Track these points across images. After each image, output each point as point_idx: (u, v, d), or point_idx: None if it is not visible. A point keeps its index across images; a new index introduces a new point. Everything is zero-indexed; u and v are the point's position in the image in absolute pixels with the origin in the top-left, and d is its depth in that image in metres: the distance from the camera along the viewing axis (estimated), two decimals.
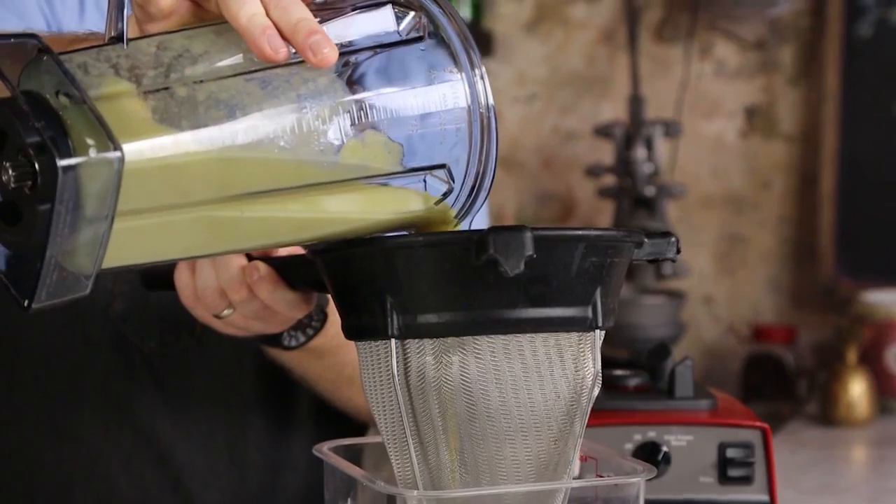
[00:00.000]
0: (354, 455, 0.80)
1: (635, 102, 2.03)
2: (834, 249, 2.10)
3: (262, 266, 0.83)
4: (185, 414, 1.04)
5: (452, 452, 0.69)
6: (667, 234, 0.74)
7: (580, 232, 0.68)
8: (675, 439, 0.95)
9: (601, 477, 0.81)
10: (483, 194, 0.73)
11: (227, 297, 0.85)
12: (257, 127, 0.65)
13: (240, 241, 0.69)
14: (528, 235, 0.63)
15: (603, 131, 2.03)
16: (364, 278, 0.68)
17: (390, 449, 0.72)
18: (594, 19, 2.18)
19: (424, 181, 0.72)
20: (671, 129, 2.02)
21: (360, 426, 1.10)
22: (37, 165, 0.59)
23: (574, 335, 0.69)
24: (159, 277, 0.91)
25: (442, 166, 0.72)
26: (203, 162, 0.64)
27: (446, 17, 0.70)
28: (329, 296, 0.75)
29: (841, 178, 2.09)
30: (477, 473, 0.69)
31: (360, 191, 0.71)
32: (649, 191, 1.98)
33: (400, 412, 0.68)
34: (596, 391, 0.71)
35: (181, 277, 0.87)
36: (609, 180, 2.03)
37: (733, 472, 0.95)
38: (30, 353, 1.04)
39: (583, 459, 0.84)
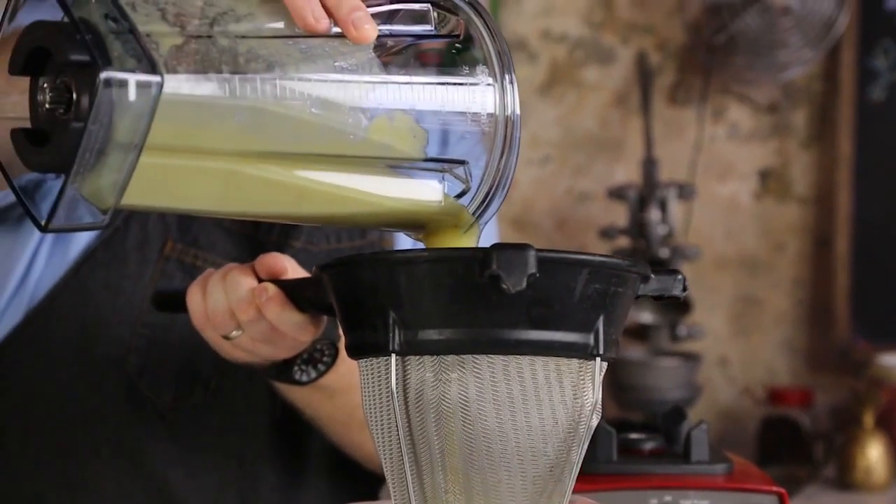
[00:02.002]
0: None
1: (649, 164, 2.03)
2: (849, 311, 2.09)
3: (270, 287, 0.84)
4: (197, 467, 1.04)
5: (448, 474, 0.69)
6: (674, 272, 0.74)
7: (584, 256, 0.68)
8: None
9: None
10: (497, 201, 0.74)
11: (236, 317, 0.86)
12: (293, 86, 0.67)
13: (257, 202, 0.70)
14: (532, 254, 0.64)
15: (617, 193, 2.03)
16: (368, 293, 0.69)
17: (387, 470, 0.71)
18: (607, 83, 2.20)
19: (443, 178, 0.73)
20: (685, 192, 2.02)
21: (373, 483, 1.09)
22: (74, 87, 0.61)
23: (574, 362, 0.69)
24: (171, 299, 0.93)
25: (463, 162, 0.73)
26: (236, 108, 0.65)
27: (482, 21, 0.72)
28: (340, 330, 0.76)
29: (855, 241, 2.09)
30: (471, 496, 0.69)
31: (380, 174, 0.72)
32: (663, 252, 1.98)
33: (398, 430, 0.68)
34: (595, 421, 0.70)
35: (193, 299, 0.88)
36: (623, 242, 2.03)
37: None
38: (44, 404, 1.04)
39: None
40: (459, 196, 0.74)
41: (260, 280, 0.86)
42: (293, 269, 0.87)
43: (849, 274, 2.09)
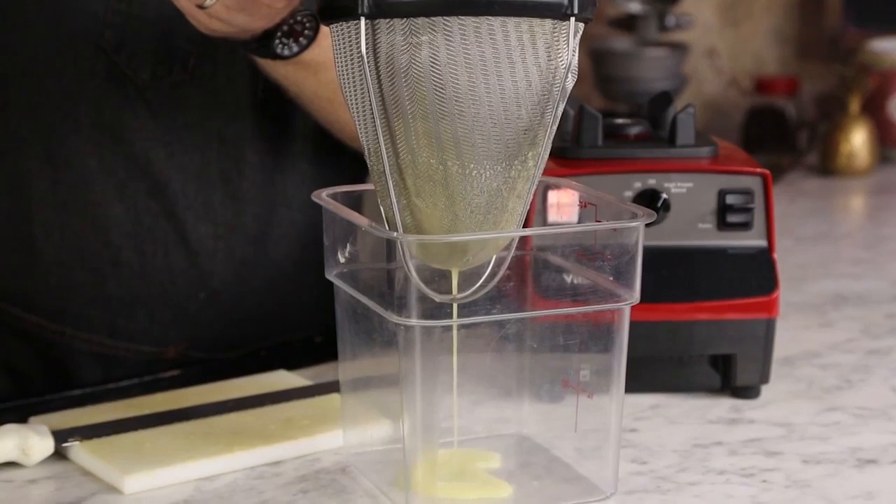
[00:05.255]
0: (353, 201, 0.80)
1: None
2: None
3: None
4: (178, 146, 1.04)
5: (421, 139, 0.70)
6: None
7: None
8: (675, 186, 0.95)
9: (600, 222, 0.81)
10: None
11: None
12: None
13: None
14: None
15: None
16: None
17: (363, 138, 0.73)
18: None
19: None
20: None
21: (356, 166, 1.10)
22: None
23: (548, 23, 0.69)
24: None
25: None
26: None
27: None
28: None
29: None
30: (445, 161, 0.70)
31: None
32: None
33: (370, 97, 0.69)
34: (570, 83, 0.71)
35: None
36: None
37: (732, 218, 0.95)
38: (22, 79, 1.03)
39: (582, 206, 0.85)
40: None
41: None
42: None
43: None
